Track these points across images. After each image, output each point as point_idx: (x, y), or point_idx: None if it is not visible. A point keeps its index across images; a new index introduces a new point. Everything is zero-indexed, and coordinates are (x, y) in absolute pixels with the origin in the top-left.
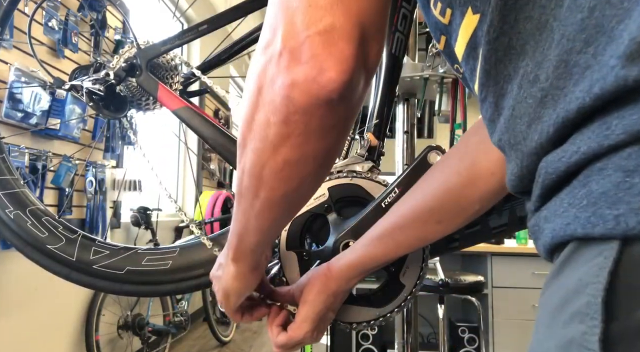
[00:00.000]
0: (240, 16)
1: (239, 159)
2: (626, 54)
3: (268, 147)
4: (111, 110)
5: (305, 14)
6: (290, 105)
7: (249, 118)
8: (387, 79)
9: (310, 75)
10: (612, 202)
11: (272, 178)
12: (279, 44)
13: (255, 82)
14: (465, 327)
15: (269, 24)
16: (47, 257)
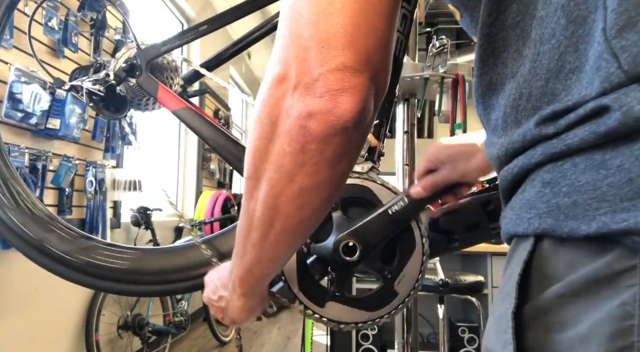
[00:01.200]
0: (240, 16)
1: (249, 191)
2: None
3: (284, 176)
4: (111, 111)
5: (319, 53)
6: (307, 134)
7: (261, 149)
8: None
9: (326, 108)
10: (529, 208)
11: (287, 206)
12: (293, 79)
13: (268, 115)
14: (465, 327)
15: (280, 57)
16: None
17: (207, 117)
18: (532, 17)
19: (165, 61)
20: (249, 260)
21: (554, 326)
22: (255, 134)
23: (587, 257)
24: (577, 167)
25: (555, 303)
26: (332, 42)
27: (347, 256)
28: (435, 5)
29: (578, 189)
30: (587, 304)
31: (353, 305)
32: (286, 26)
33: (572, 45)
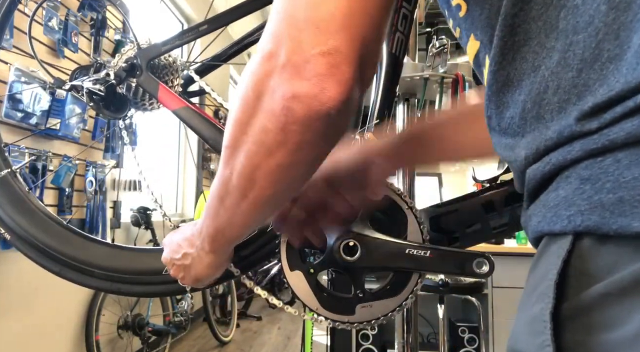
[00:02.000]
0: (240, 16)
1: (227, 159)
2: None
3: (263, 151)
4: (111, 111)
5: (313, 35)
6: (289, 115)
7: (243, 121)
8: (388, 79)
9: (312, 92)
10: (568, 205)
11: (263, 180)
12: (283, 57)
13: (253, 89)
14: (465, 327)
15: (273, 34)
16: None
17: (208, 116)
18: (560, 7)
19: (165, 61)
20: (222, 222)
21: (597, 326)
22: (239, 105)
23: (635, 254)
24: (620, 162)
25: (599, 303)
26: (328, 25)
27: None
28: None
29: (624, 185)
30: (636, 303)
31: (314, 290)
32: (282, 4)
33: (612, 33)
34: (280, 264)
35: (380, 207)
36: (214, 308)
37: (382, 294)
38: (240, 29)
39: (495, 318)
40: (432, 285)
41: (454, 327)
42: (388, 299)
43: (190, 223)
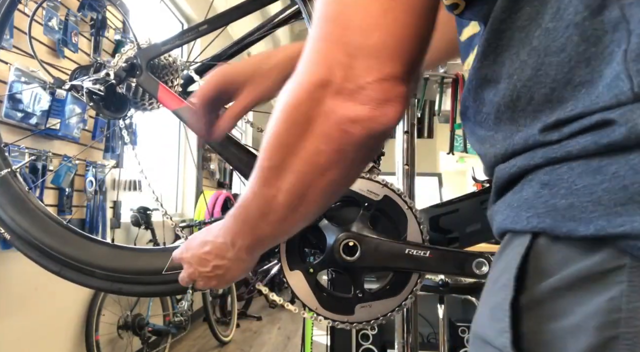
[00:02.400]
0: (240, 16)
1: (270, 180)
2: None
3: (316, 171)
4: (111, 111)
5: (367, 62)
6: (346, 137)
7: (290, 143)
8: None
9: (371, 116)
10: (528, 207)
11: (315, 195)
12: (337, 84)
13: (303, 114)
14: (465, 327)
15: (323, 61)
16: None
17: None
18: (538, 25)
19: (165, 60)
20: (263, 234)
21: (547, 316)
22: (284, 129)
23: (580, 255)
24: (573, 171)
25: (550, 295)
26: (382, 52)
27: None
28: None
29: (575, 192)
30: (579, 297)
31: (313, 290)
32: (330, 31)
33: (583, 61)
34: (280, 264)
35: (380, 207)
36: (214, 308)
37: (381, 294)
38: (240, 29)
39: None
40: (432, 285)
41: (454, 327)
42: (387, 299)
43: (200, 236)
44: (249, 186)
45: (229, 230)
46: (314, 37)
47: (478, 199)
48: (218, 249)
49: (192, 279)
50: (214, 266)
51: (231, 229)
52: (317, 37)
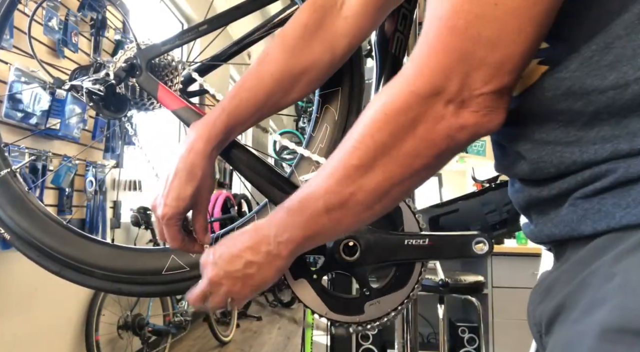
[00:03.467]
0: (240, 16)
1: (352, 177)
2: None
3: (408, 172)
4: (111, 111)
5: (487, 73)
6: (451, 143)
7: (386, 145)
8: (388, 79)
9: (480, 122)
10: None
11: (397, 193)
12: (452, 93)
13: (410, 118)
14: (465, 327)
15: (442, 70)
16: None
17: None
18: None
19: (165, 60)
20: (319, 230)
21: None
22: (385, 131)
23: None
24: None
25: None
26: (505, 66)
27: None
28: None
29: None
30: None
31: (320, 295)
32: (456, 43)
33: None
34: (284, 275)
35: None
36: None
37: (388, 289)
38: (240, 29)
39: (495, 318)
40: (432, 285)
41: (454, 327)
42: (395, 293)
43: (237, 234)
44: (318, 181)
45: (275, 221)
46: (435, 46)
47: (478, 199)
48: (254, 241)
49: (212, 284)
50: (246, 263)
51: (280, 221)
52: (439, 47)
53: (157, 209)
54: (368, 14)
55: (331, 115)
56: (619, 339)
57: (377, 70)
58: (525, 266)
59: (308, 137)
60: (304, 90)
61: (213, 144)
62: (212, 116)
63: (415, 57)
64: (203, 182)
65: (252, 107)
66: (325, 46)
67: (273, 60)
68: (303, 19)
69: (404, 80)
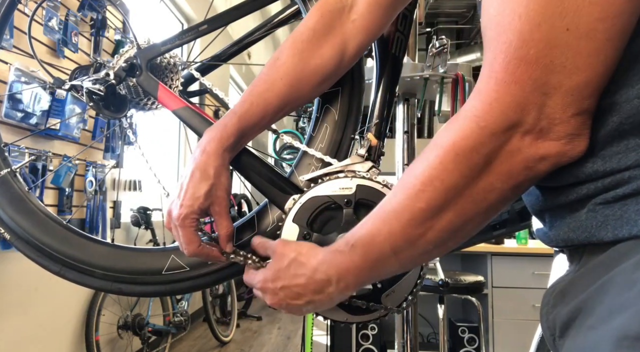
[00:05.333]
0: (240, 16)
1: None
2: None
3: (483, 208)
4: (111, 111)
5: (564, 100)
6: (530, 174)
7: (457, 185)
8: (387, 79)
9: (562, 151)
10: None
11: (470, 230)
12: (529, 124)
13: (483, 155)
14: (465, 327)
15: (516, 103)
16: None
17: (207, 116)
18: None
19: (165, 60)
20: (386, 271)
21: None
22: (456, 172)
23: None
24: None
25: None
26: (584, 91)
27: None
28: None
29: None
30: None
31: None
32: (528, 73)
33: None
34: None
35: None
36: (214, 308)
37: (397, 276)
38: (240, 29)
39: (495, 318)
40: (432, 285)
41: (454, 327)
42: (405, 278)
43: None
44: (378, 223)
45: (335, 266)
46: (504, 79)
47: None
48: (316, 284)
49: (271, 306)
50: (308, 301)
51: (341, 266)
52: (509, 80)
53: (173, 211)
54: (376, 16)
55: (331, 115)
56: (637, 347)
57: (377, 70)
58: (525, 266)
59: (308, 137)
60: (314, 92)
61: (225, 146)
62: (224, 120)
63: (482, 90)
64: (217, 180)
65: (263, 111)
66: (334, 50)
67: (283, 65)
68: (311, 23)
69: (472, 115)
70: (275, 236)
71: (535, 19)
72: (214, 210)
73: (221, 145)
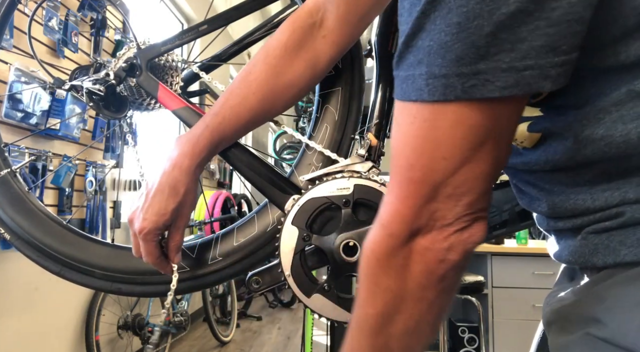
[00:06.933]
0: (240, 16)
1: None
2: None
3: (425, 305)
4: (111, 111)
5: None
6: (446, 265)
7: (395, 295)
8: (387, 79)
9: (462, 239)
10: None
11: (427, 327)
12: (427, 225)
13: (400, 260)
14: (465, 327)
15: (406, 208)
16: None
17: None
18: None
19: (165, 61)
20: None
21: None
22: (381, 274)
23: None
24: None
25: None
26: (469, 196)
27: (347, 255)
28: None
29: None
30: None
31: (339, 304)
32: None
33: None
34: (298, 297)
35: (357, 197)
36: (214, 308)
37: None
38: (240, 29)
39: (495, 318)
40: None
41: (454, 327)
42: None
43: None
44: (349, 338)
45: None
46: (399, 194)
47: None
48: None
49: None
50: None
51: None
52: (404, 195)
53: (135, 222)
54: (345, 31)
55: (331, 115)
56: (603, 348)
57: (377, 70)
58: (525, 266)
59: (308, 137)
60: (287, 105)
61: (197, 161)
62: (195, 132)
63: (387, 203)
64: (185, 198)
65: (236, 124)
66: (306, 64)
67: (255, 80)
68: (283, 39)
69: (381, 225)
70: (275, 236)
71: (417, 149)
72: (175, 224)
73: (193, 162)
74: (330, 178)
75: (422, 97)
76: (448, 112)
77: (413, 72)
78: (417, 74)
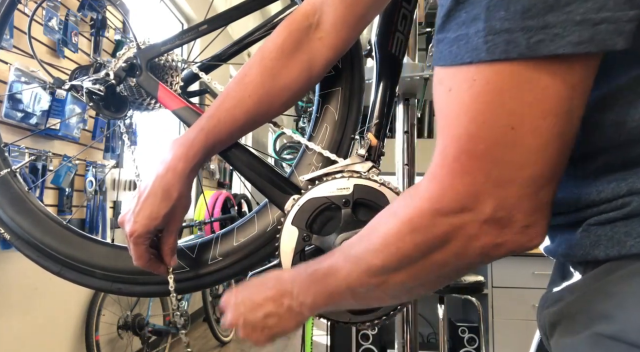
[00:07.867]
0: (240, 16)
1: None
2: None
3: (435, 275)
4: (111, 111)
5: (521, 191)
6: (485, 258)
7: (412, 257)
8: (387, 79)
9: (519, 241)
10: None
11: (424, 289)
12: (485, 213)
13: (438, 236)
14: (465, 327)
15: (467, 191)
16: None
17: None
18: None
19: (165, 61)
20: (342, 303)
21: None
22: (411, 245)
23: None
24: None
25: None
26: (537, 182)
27: None
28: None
29: None
30: None
31: None
32: (474, 165)
33: None
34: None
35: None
36: (214, 308)
37: None
38: (240, 29)
39: (495, 318)
40: None
41: (454, 327)
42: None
43: (259, 282)
44: (342, 260)
45: (299, 281)
46: (456, 169)
47: None
48: (277, 291)
49: (232, 326)
50: (267, 314)
51: (304, 284)
52: (461, 170)
53: (126, 225)
54: (342, 34)
55: (331, 115)
56: (612, 347)
57: (377, 70)
58: (525, 266)
59: (308, 137)
60: (283, 107)
61: (191, 165)
62: (190, 135)
63: (437, 175)
64: (178, 202)
65: (231, 127)
66: (302, 66)
67: (251, 82)
68: (279, 41)
69: (428, 197)
70: (275, 236)
71: (478, 118)
72: (167, 228)
73: (188, 166)
74: (330, 178)
75: (480, 56)
76: (512, 74)
77: (467, 31)
78: (473, 32)
